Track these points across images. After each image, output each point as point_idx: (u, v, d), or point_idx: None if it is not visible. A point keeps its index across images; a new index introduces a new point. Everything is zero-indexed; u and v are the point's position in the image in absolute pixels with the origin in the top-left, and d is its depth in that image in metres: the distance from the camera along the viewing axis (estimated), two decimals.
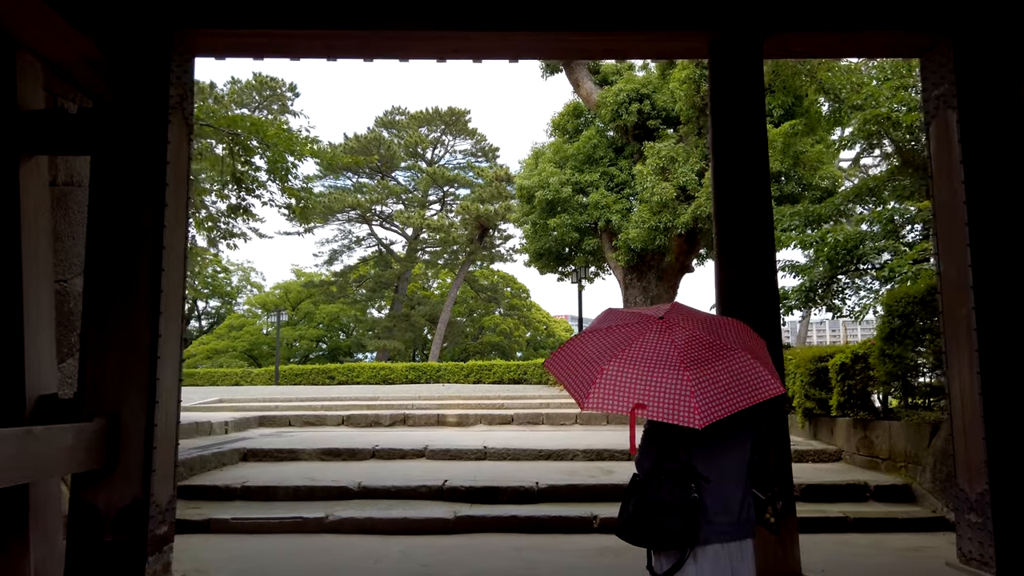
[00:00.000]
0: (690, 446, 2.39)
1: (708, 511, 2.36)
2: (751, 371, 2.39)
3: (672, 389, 2.27)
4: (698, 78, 14.78)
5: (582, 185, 17.04)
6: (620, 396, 2.30)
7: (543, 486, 6.53)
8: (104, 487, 4.21)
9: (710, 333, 2.56)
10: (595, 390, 2.32)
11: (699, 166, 14.93)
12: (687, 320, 2.59)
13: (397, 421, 11.61)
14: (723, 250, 4.76)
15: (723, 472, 2.43)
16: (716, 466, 2.41)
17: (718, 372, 2.37)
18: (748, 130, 4.75)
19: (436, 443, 8.75)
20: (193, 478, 6.88)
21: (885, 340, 6.67)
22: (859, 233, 9.66)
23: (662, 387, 2.28)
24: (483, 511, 6.02)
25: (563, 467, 7.70)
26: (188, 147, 4.88)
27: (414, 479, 6.85)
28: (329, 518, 5.86)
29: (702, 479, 2.37)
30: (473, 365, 22.53)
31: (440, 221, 38.09)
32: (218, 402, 14.40)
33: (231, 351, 39.43)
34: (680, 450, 2.40)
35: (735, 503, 2.41)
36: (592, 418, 11.61)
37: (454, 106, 41.26)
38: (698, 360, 2.40)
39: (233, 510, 6.10)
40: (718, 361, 2.40)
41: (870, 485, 6.52)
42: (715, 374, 2.37)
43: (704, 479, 2.37)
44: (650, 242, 15.26)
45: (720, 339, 2.52)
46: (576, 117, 19.05)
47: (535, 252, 18.46)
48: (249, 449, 8.22)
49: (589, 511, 5.99)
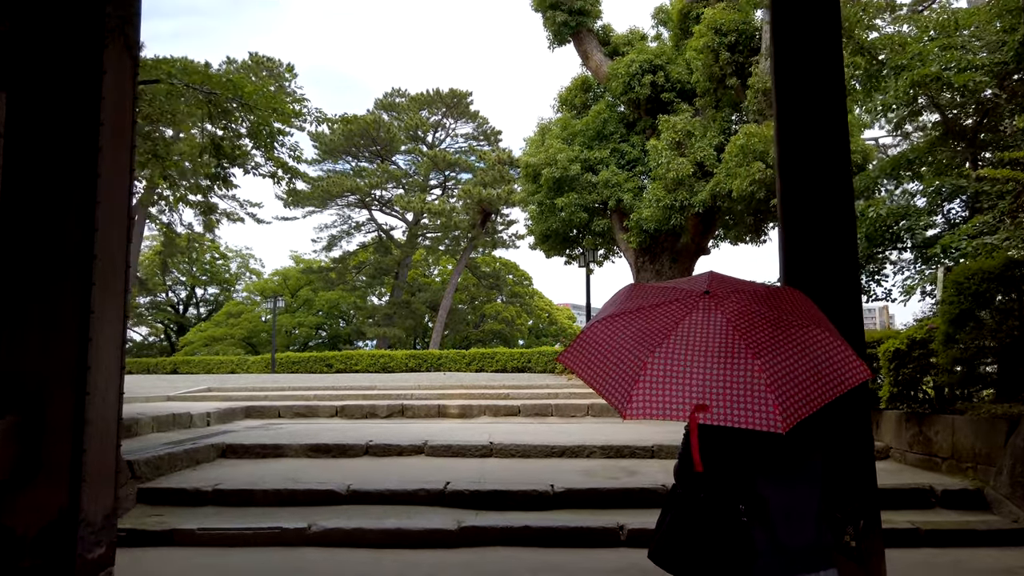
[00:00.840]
0: (747, 451, 1.96)
1: (777, 534, 1.92)
2: (833, 352, 1.95)
3: (741, 384, 1.81)
4: (717, 46, 13.84)
5: (591, 162, 16.10)
6: (673, 398, 1.84)
7: (559, 489, 5.69)
8: (20, 500, 3.37)
9: (769, 307, 2.09)
10: (640, 392, 1.86)
11: (717, 140, 14.00)
12: (737, 293, 2.13)
13: (395, 412, 10.79)
14: (789, 209, 3.87)
15: (791, 484, 2.00)
16: (781, 476, 1.99)
17: (794, 357, 1.92)
18: (821, 49, 3.84)
19: (437, 438, 7.92)
20: (159, 479, 6.05)
21: (953, 322, 5.79)
22: (902, 207, 8.77)
23: (727, 382, 1.83)
24: (491, 520, 5.18)
25: (579, 466, 6.87)
26: (132, 83, 3.98)
27: (411, 480, 6.02)
28: (312, 528, 5.03)
29: (760, 496, 1.94)
30: (475, 353, 21.71)
31: (441, 206, 37.11)
32: (206, 391, 13.59)
33: (229, 338, 38.70)
34: (734, 456, 1.97)
35: (808, 523, 1.96)
36: (605, 409, 10.78)
37: (456, 87, 40.25)
38: (766, 343, 1.93)
39: (202, 518, 5.26)
40: (790, 343, 1.95)
41: (935, 489, 5.67)
42: (791, 360, 1.91)
43: (760, 497, 1.94)
44: (664, 222, 14.36)
45: (783, 314, 2.07)
46: (584, 91, 18.08)
47: (541, 234, 17.56)
48: (229, 444, 7.39)
49: (614, 520, 5.15)
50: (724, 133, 14.26)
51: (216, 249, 44.56)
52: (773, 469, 1.99)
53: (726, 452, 1.98)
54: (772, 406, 1.78)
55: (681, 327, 2.00)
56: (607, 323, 2.16)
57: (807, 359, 1.92)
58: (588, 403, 10.99)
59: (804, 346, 1.95)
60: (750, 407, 1.78)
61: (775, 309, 2.10)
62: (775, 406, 1.78)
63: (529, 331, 45.14)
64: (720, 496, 1.96)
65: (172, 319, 45.78)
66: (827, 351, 1.96)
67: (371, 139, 39.19)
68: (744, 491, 1.95)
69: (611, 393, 1.95)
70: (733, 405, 1.80)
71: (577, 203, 15.96)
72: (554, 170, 15.76)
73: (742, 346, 1.89)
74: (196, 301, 48.03)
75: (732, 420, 1.78)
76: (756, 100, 13.12)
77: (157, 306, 45.79)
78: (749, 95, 13.21)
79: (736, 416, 1.79)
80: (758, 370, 1.83)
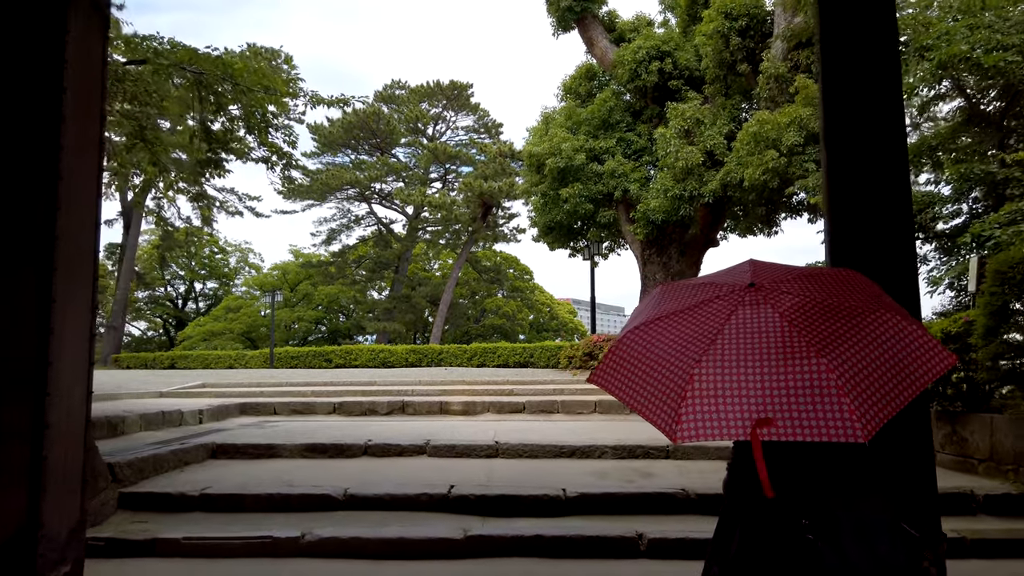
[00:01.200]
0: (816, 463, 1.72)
1: (847, 553, 1.65)
2: (910, 339, 1.69)
3: (807, 389, 1.57)
4: (727, 31, 13.39)
5: (597, 152, 15.66)
6: (729, 413, 1.59)
7: (572, 494, 5.29)
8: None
9: (827, 293, 1.83)
10: (689, 410, 1.62)
11: (727, 128, 13.57)
12: (786, 280, 1.88)
13: (395, 409, 10.40)
14: (836, 185, 3.46)
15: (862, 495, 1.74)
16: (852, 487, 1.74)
17: (866, 350, 1.65)
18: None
19: (439, 436, 7.53)
20: (143, 483, 5.66)
21: (994, 314, 5.39)
22: (928, 195, 8.35)
23: (791, 388, 1.58)
24: (499, 528, 4.79)
25: (590, 467, 6.49)
26: (102, 46, 3.57)
27: (413, 483, 5.63)
28: (306, 537, 4.63)
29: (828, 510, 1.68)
30: (477, 348, 21.31)
31: (441, 199, 36.65)
32: (200, 387, 13.20)
33: (228, 333, 38.36)
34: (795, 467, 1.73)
35: (882, 540, 1.69)
36: (613, 405, 10.40)
37: (456, 79, 39.75)
38: (831, 337, 1.67)
39: (188, 526, 4.87)
40: (858, 333, 1.69)
41: (976, 494, 5.28)
42: (863, 354, 1.64)
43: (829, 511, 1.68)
44: (673, 212, 13.93)
45: (843, 299, 1.80)
46: (589, 80, 17.62)
47: (544, 226, 17.13)
48: (220, 444, 7.00)
49: (632, 528, 4.76)
50: (734, 121, 13.83)
51: (215, 243, 44.17)
52: (843, 480, 1.75)
53: (791, 468, 1.72)
54: (848, 412, 1.52)
55: (728, 328, 1.75)
56: (641, 332, 1.90)
57: (881, 350, 1.66)
58: (596, 399, 10.60)
59: (875, 335, 1.69)
60: (822, 416, 1.53)
61: (833, 295, 1.83)
62: (852, 411, 1.53)
63: (530, 326, 44.83)
64: (783, 512, 1.71)
65: (171, 314, 45.44)
66: (903, 338, 1.70)
67: (371, 132, 38.72)
68: (810, 505, 1.70)
69: (655, 414, 1.70)
70: (801, 415, 1.54)
71: (582, 194, 15.53)
72: (558, 160, 15.33)
73: (802, 343, 1.63)
74: (195, 296, 47.70)
75: (802, 433, 1.53)
76: (768, 87, 12.68)
77: (156, 300, 45.44)
78: (761, 81, 12.77)
79: (807, 428, 1.53)
80: (826, 370, 1.57)
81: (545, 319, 46.51)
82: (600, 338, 15.00)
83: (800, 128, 11.36)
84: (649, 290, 15.56)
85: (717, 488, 5.64)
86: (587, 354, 14.89)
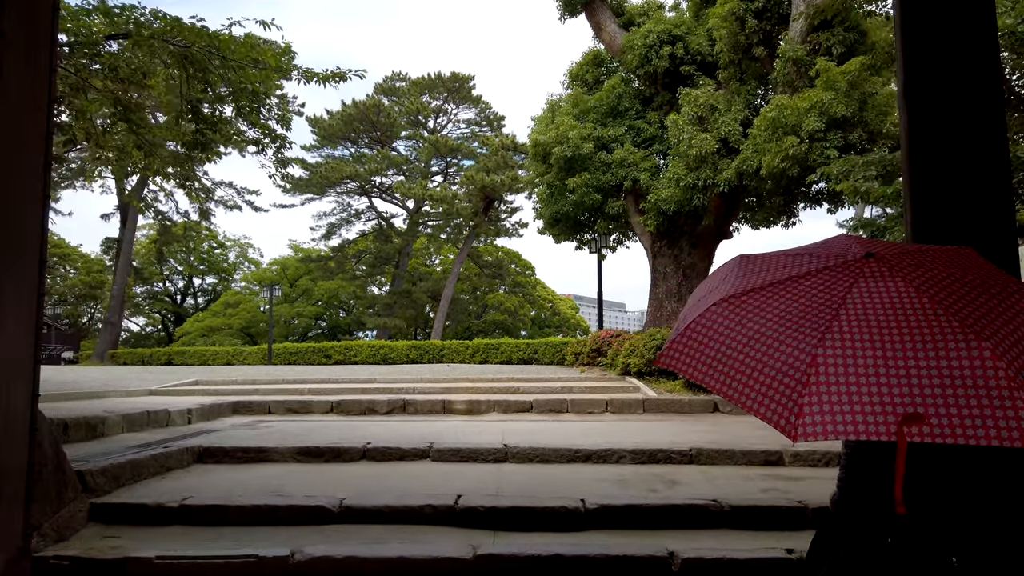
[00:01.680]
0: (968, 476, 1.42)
1: None
2: None
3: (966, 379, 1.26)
4: (743, 13, 12.81)
5: (605, 140, 15.10)
6: (870, 406, 1.27)
7: (592, 506, 4.76)
8: None
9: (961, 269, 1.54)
10: (814, 401, 1.29)
11: (743, 115, 13.00)
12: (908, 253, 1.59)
13: (396, 408, 9.89)
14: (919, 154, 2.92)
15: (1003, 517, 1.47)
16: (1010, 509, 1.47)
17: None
18: None
19: (443, 438, 7.01)
20: (118, 492, 5.13)
21: None
22: None
23: (944, 378, 1.27)
24: (512, 545, 4.26)
25: (607, 473, 5.96)
26: None
27: (416, 493, 5.11)
28: (296, 556, 4.11)
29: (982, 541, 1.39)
30: (479, 344, 20.79)
31: (443, 192, 36.08)
32: (193, 384, 12.69)
33: (227, 329, 37.92)
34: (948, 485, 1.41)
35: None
36: (626, 404, 9.88)
37: (457, 71, 39.17)
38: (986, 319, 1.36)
39: (165, 541, 4.34)
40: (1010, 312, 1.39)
41: None
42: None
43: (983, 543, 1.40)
44: (685, 203, 13.38)
45: (977, 275, 1.52)
46: (597, 66, 17.04)
47: (550, 217, 16.57)
48: (206, 447, 6.48)
49: (661, 545, 4.23)
50: (750, 107, 13.27)
51: (214, 238, 43.68)
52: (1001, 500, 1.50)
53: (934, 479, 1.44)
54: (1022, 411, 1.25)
55: (850, 303, 1.46)
56: (730, 306, 1.57)
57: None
58: (607, 398, 10.08)
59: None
60: (989, 414, 1.26)
61: (969, 271, 1.55)
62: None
63: (532, 321, 44.36)
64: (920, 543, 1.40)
65: (170, 309, 44.99)
66: None
67: (371, 124, 38.18)
68: (956, 534, 1.43)
69: (764, 404, 1.39)
70: (962, 412, 1.27)
71: (589, 184, 14.98)
72: (565, 149, 14.77)
73: (953, 324, 1.36)
74: (194, 291, 47.26)
75: (965, 435, 1.25)
76: (786, 71, 12.12)
77: (154, 296, 45.00)
78: (778, 65, 12.20)
79: (970, 428, 1.26)
80: (991, 357, 1.30)
81: (547, 315, 46.05)
82: (608, 333, 14.45)
83: (821, 113, 10.81)
84: (660, 283, 15.01)
85: (751, 499, 5.04)
86: (595, 350, 14.35)
